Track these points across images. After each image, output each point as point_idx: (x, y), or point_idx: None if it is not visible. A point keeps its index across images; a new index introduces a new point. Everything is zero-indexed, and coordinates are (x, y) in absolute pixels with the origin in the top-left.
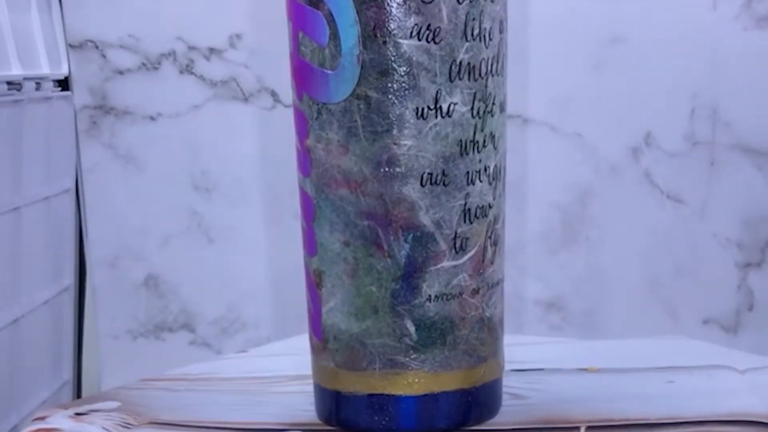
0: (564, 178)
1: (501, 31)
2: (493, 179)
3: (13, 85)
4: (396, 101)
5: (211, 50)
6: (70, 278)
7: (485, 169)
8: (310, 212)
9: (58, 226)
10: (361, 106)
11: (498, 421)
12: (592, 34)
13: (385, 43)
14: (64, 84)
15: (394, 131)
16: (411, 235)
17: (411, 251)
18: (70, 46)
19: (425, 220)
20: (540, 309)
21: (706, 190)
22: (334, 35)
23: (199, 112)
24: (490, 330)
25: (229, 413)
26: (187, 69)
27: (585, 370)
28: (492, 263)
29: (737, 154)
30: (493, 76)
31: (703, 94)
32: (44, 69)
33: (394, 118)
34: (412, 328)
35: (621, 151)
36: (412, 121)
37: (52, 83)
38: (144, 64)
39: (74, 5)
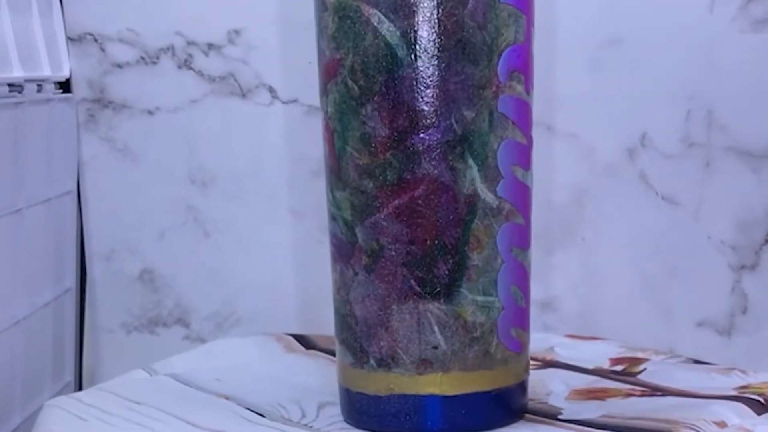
0: (560, 178)
1: None
2: None
3: (15, 87)
4: None
5: (210, 45)
6: (71, 280)
7: None
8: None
9: (60, 227)
10: None
11: None
12: (589, 34)
13: None
14: (65, 86)
15: None
16: None
17: None
18: (69, 39)
19: None
20: (535, 310)
21: (700, 191)
22: None
23: (197, 107)
24: None
25: None
26: (186, 64)
27: None
28: None
29: (732, 156)
30: None
31: (699, 96)
32: (45, 71)
33: None
34: None
35: (617, 152)
36: None
37: (53, 85)
38: (142, 58)
39: None
